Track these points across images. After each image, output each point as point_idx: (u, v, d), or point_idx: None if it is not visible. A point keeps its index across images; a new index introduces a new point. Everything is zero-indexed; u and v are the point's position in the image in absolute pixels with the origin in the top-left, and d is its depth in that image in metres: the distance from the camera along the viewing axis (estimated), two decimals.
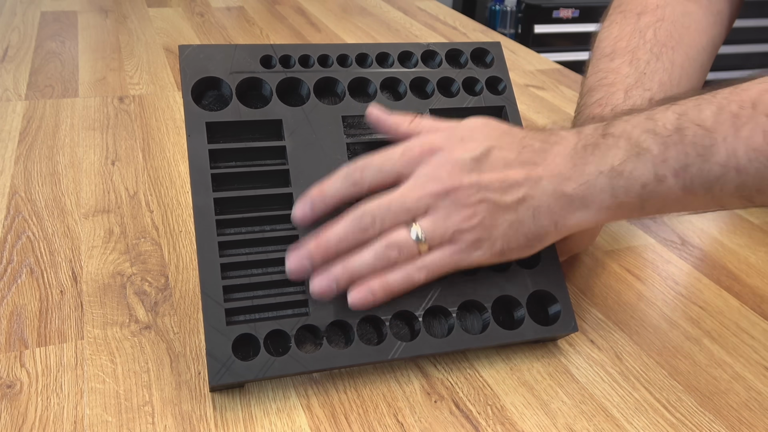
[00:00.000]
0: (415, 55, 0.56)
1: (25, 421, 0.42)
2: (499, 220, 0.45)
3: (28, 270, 0.56)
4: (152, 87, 0.94)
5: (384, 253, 0.45)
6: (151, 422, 0.43)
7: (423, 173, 0.45)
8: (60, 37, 1.12)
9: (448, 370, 0.49)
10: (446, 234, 0.45)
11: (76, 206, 0.65)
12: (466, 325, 0.49)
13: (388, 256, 0.45)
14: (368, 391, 0.46)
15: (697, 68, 0.66)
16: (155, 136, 0.80)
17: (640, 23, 0.66)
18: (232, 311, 0.45)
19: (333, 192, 0.46)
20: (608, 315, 0.55)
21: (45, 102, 0.87)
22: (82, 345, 0.49)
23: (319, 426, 0.43)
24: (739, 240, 0.67)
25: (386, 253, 0.45)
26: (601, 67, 0.65)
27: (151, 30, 1.19)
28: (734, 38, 0.99)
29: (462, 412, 0.45)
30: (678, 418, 0.46)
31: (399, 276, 0.45)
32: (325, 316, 0.46)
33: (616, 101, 0.60)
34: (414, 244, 0.45)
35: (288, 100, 0.51)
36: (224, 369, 0.43)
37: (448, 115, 0.55)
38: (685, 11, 0.67)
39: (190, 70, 0.50)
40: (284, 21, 1.29)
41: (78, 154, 0.75)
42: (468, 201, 0.45)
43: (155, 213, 0.65)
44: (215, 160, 0.48)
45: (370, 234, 0.45)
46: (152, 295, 0.54)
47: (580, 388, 0.48)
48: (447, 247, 0.45)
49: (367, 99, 0.53)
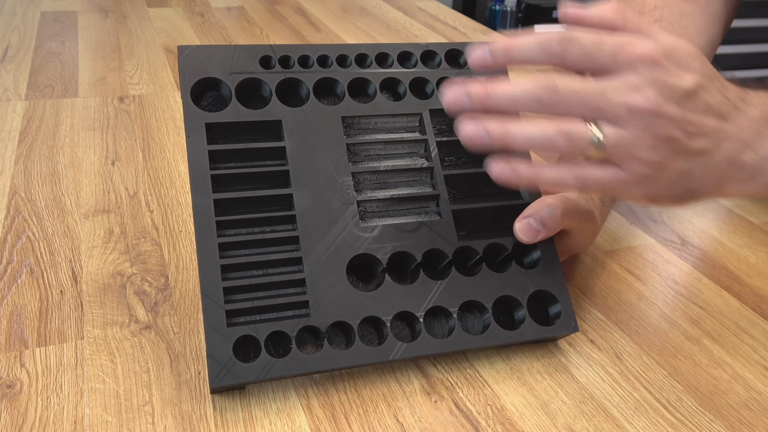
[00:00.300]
0: (414, 55, 0.56)
1: (25, 421, 0.42)
2: (673, 165, 0.42)
3: (28, 270, 0.56)
4: (152, 87, 0.94)
5: (553, 137, 0.40)
6: (151, 422, 0.43)
7: (631, 80, 0.40)
8: (60, 37, 1.12)
9: (448, 370, 0.49)
10: (623, 154, 0.41)
11: (76, 206, 0.65)
12: (466, 326, 0.49)
13: (554, 143, 0.40)
14: (368, 391, 0.46)
15: None
16: (155, 136, 0.80)
17: None
18: (232, 313, 0.45)
19: (522, 52, 0.42)
20: (608, 315, 0.55)
21: (45, 102, 0.87)
22: (82, 345, 0.49)
23: (319, 426, 0.43)
24: (739, 240, 0.67)
25: (555, 139, 0.40)
26: None
27: (151, 30, 1.19)
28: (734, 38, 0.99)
29: (462, 412, 0.45)
30: (678, 418, 0.46)
31: (554, 174, 0.42)
32: (326, 317, 0.46)
33: None
34: (588, 143, 0.40)
35: (287, 101, 0.51)
36: (225, 371, 0.43)
37: (448, 116, 0.55)
38: (683, 12, 0.67)
39: (189, 71, 0.50)
40: (284, 21, 1.29)
41: (78, 154, 0.75)
42: (659, 132, 0.41)
43: (155, 213, 0.65)
44: (215, 161, 0.48)
45: (547, 110, 0.41)
46: (152, 295, 0.54)
47: (580, 388, 0.48)
48: (614, 169, 0.42)
49: (366, 99, 0.53)
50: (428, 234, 0.50)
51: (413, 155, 0.53)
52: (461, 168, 0.54)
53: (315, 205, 0.49)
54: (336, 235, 0.48)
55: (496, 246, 0.51)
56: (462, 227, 0.52)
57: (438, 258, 0.50)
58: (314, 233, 0.48)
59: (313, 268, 0.47)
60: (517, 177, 0.42)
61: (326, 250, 0.48)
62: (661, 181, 0.42)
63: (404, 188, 0.52)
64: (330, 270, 0.47)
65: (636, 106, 0.40)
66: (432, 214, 0.51)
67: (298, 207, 0.48)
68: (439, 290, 0.48)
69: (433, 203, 0.52)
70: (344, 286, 0.47)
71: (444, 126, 0.55)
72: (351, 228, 0.49)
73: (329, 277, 0.47)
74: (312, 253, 0.47)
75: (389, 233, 0.49)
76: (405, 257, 0.49)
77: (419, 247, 0.49)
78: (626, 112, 0.40)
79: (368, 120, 0.53)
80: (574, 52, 0.41)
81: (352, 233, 0.49)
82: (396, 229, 0.50)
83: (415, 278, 0.49)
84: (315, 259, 0.47)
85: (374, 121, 0.53)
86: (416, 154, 0.53)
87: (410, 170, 0.52)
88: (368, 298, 0.47)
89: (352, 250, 0.48)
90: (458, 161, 0.54)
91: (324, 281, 0.47)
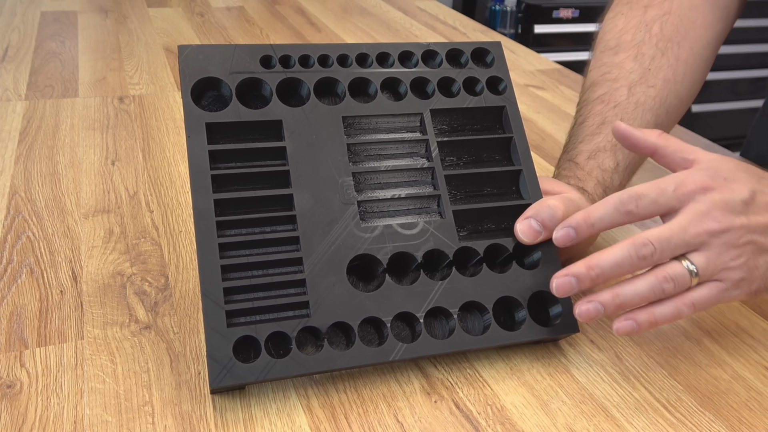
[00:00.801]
0: (415, 55, 0.56)
1: (25, 421, 0.42)
2: (760, 261, 0.48)
3: (28, 270, 0.56)
4: (152, 87, 0.94)
5: (660, 285, 0.46)
6: (151, 422, 0.43)
7: (697, 210, 0.47)
8: (60, 37, 1.12)
9: (448, 370, 0.49)
10: (716, 271, 0.46)
11: (76, 206, 0.65)
12: (467, 326, 0.49)
13: (662, 289, 0.46)
14: (368, 391, 0.46)
15: (701, 64, 0.66)
16: (155, 136, 0.80)
17: (647, 16, 0.66)
18: (232, 313, 0.45)
19: (602, 218, 0.48)
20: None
21: (45, 102, 0.87)
22: (82, 345, 0.49)
23: (319, 426, 0.43)
24: None
25: (661, 286, 0.46)
26: (605, 60, 0.65)
27: (151, 30, 1.19)
28: (734, 38, 0.99)
29: (462, 412, 0.45)
30: (678, 418, 0.46)
31: (668, 310, 0.46)
32: (326, 318, 0.46)
33: (620, 98, 0.60)
34: (688, 278, 0.46)
35: (288, 101, 0.51)
36: (225, 371, 0.43)
37: (449, 115, 0.55)
38: (692, 5, 0.66)
39: (190, 71, 0.50)
40: (284, 21, 1.29)
41: (78, 154, 0.75)
42: (738, 242, 0.47)
43: (155, 213, 0.65)
44: (215, 161, 0.48)
45: (647, 263, 0.46)
46: (152, 295, 0.54)
47: (580, 388, 0.48)
48: (713, 284, 0.47)
49: (367, 99, 0.53)
50: (429, 234, 0.50)
51: (414, 155, 0.53)
52: (462, 168, 0.53)
53: (315, 206, 0.49)
54: (336, 236, 0.48)
55: (496, 246, 0.51)
56: (463, 227, 0.52)
57: (438, 258, 0.50)
58: (314, 233, 0.48)
59: (313, 268, 0.47)
60: (638, 327, 0.46)
61: (326, 251, 0.48)
62: (755, 278, 0.48)
63: (405, 188, 0.52)
64: (330, 270, 0.47)
65: (711, 230, 0.46)
66: (433, 215, 0.51)
67: (299, 207, 0.48)
68: (439, 291, 0.48)
69: (433, 203, 0.52)
70: (344, 287, 0.47)
71: (445, 126, 0.55)
72: (351, 228, 0.49)
73: (329, 278, 0.47)
74: (312, 253, 0.47)
75: (390, 233, 0.49)
76: (405, 258, 0.49)
77: (420, 248, 0.49)
78: (706, 237, 0.46)
79: (369, 120, 0.53)
80: (645, 203, 0.47)
81: (353, 233, 0.49)
82: (396, 229, 0.50)
83: (416, 279, 0.49)
84: (315, 260, 0.47)
85: (375, 120, 0.53)
86: (417, 154, 0.53)
87: (411, 170, 0.52)
88: (368, 299, 0.47)
89: (352, 251, 0.48)
90: (459, 161, 0.54)
91: (324, 282, 0.47)
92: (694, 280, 0.46)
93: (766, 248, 0.48)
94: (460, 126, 0.55)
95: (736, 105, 2.76)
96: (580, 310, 0.46)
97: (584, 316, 0.46)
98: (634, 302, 0.46)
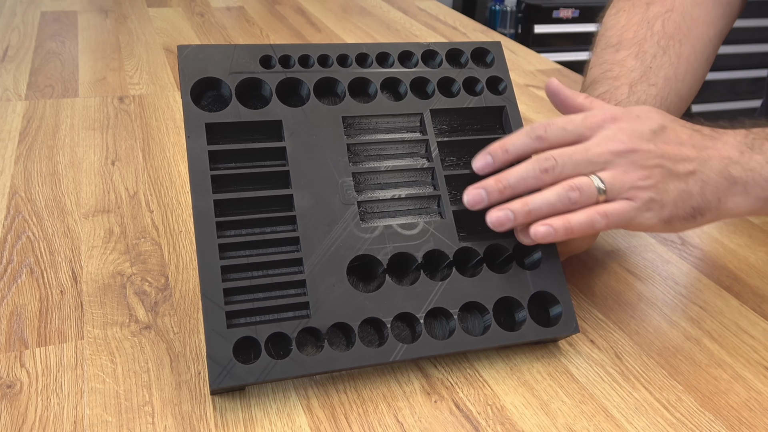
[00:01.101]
0: (415, 55, 0.56)
1: (25, 421, 0.42)
2: (670, 186, 0.48)
3: (28, 270, 0.56)
4: (152, 87, 0.94)
5: (566, 193, 0.47)
6: (151, 422, 0.43)
7: (604, 135, 0.49)
8: (60, 37, 1.12)
9: (448, 370, 0.49)
10: (623, 188, 0.48)
11: (76, 206, 0.65)
12: (467, 327, 0.49)
13: (569, 197, 0.47)
14: (368, 391, 0.46)
15: (702, 62, 0.66)
16: (155, 136, 0.80)
17: (649, 13, 0.66)
18: (232, 314, 0.45)
19: (515, 143, 0.50)
20: (608, 315, 0.55)
21: (45, 102, 0.87)
22: (82, 345, 0.49)
23: (319, 426, 0.43)
24: (739, 240, 0.67)
25: (568, 194, 0.47)
26: (606, 58, 0.64)
27: (151, 30, 1.19)
28: (734, 38, 0.99)
29: (462, 412, 0.45)
30: (678, 418, 0.46)
31: (582, 217, 0.47)
32: (326, 318, 0.46)
33: (620, 96, 0.60)
34: (594, 188, 0.47)
35: (288, 101, 0.51)
36: (225, 372, 0.43)
37: (449, 115, 0.55)
38: (695, 2, 0.66)
39: (189, 71, 0.50)
40: (284, 21, 1.29)
41: (78, 154, 0.75)
42: (645, 163, 0.48)
43: (155, 213, 0.65)
44: (215, 162, 0.48)
45: (550, 176, 0.48)
46: (152, 295, 0.54)
47: (580, 388, 0.48)
48: (624, 201, 0.48)
49: (367, 99, 0.53)
50: (429, 235, 0.50)
51: (414, 155, 0.53)
52: (462, 168, 0.53)
53: (315, 206, 0.49)
54: (336, 236, 0.48)
55: (496, 247, 0.51)
56: (463, 228, 0.52)
57: (439, 259, 0.50)
58: (314, 234, 0.48)
59: (313, 269, 0.47)
60: (555, 232, 0.47)
61: (326, 251, 0.48)
62: (666, 203, 0.48)
63: (405, 189, 0.52)
64: (330, 271, 0.47)
65: (616, 149, 0.48)
66: (433, 215, 0.51)
67: (299, 207, 0.48)
68: (439, 291, 0.48)
69: (433, 204, 0.52)
70: (345, 287, 0.47)
71: (445, 126, 0.55)
72: (351, 228, 0.49)
73: (330, 278, 0.47)
74: (312, 253, 0.47)
75: (390, 234, 0.49)
76: (405, 258, 0.49)
77: (420, 248, 0.49)
78: (611, 156, 0.48)
79: (369, 120, 0.53)
80: (553, 129, 0.50)
81: (353, 234, 0.49)
82: (396, 229, 0.50)
83: (416, 279, 0.49)
84: (315, 260, 0.47)
85: (375, 121, 0.53)
86: (417, 154, 0.53)
87: (411, 170, 0.52)
88: (369, 299, 0.47)
89: (352, 251, 0.48)
90: (459, 161, 0.54)
91: (324, 282, 0.47)
92: (602, 196, 0.47)
93: (676, 174, 0.48)
94: (460, 126, 0.55)
95: (735, 105, 2.77)
96: (491, 217, 0.48)
97: (495, 223, 0.48)
98: (543, 210, 0.47)
